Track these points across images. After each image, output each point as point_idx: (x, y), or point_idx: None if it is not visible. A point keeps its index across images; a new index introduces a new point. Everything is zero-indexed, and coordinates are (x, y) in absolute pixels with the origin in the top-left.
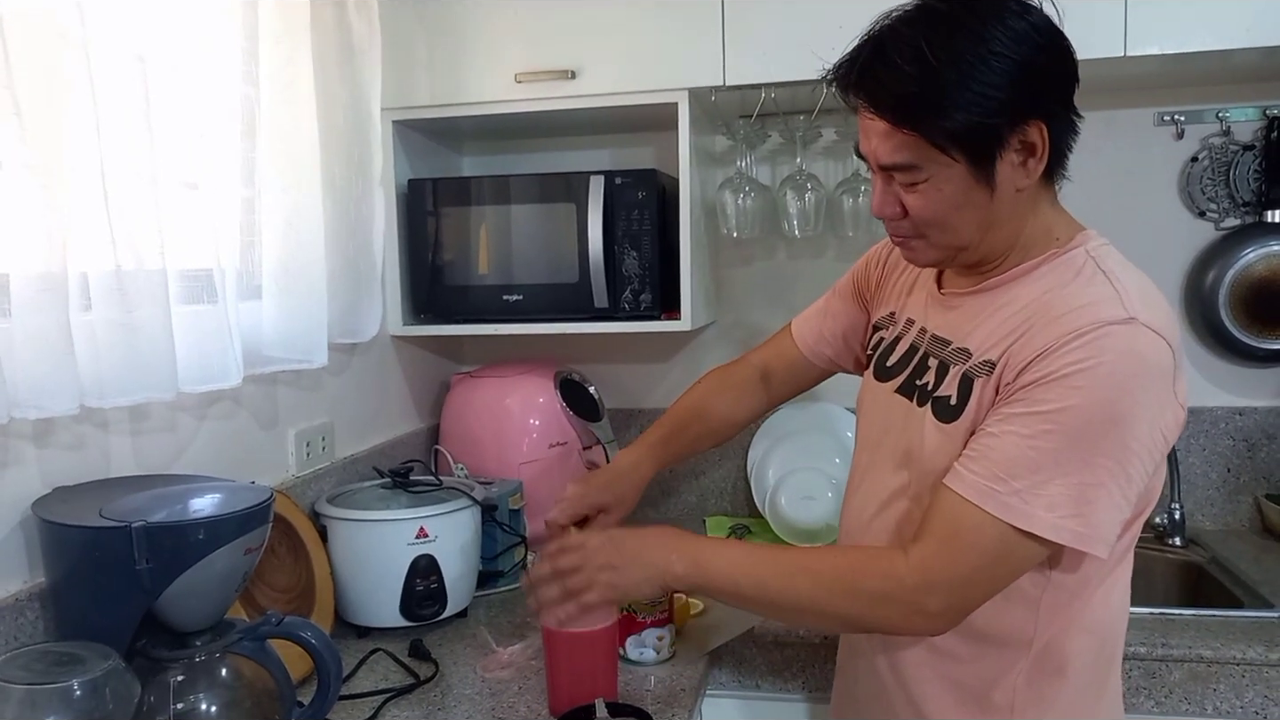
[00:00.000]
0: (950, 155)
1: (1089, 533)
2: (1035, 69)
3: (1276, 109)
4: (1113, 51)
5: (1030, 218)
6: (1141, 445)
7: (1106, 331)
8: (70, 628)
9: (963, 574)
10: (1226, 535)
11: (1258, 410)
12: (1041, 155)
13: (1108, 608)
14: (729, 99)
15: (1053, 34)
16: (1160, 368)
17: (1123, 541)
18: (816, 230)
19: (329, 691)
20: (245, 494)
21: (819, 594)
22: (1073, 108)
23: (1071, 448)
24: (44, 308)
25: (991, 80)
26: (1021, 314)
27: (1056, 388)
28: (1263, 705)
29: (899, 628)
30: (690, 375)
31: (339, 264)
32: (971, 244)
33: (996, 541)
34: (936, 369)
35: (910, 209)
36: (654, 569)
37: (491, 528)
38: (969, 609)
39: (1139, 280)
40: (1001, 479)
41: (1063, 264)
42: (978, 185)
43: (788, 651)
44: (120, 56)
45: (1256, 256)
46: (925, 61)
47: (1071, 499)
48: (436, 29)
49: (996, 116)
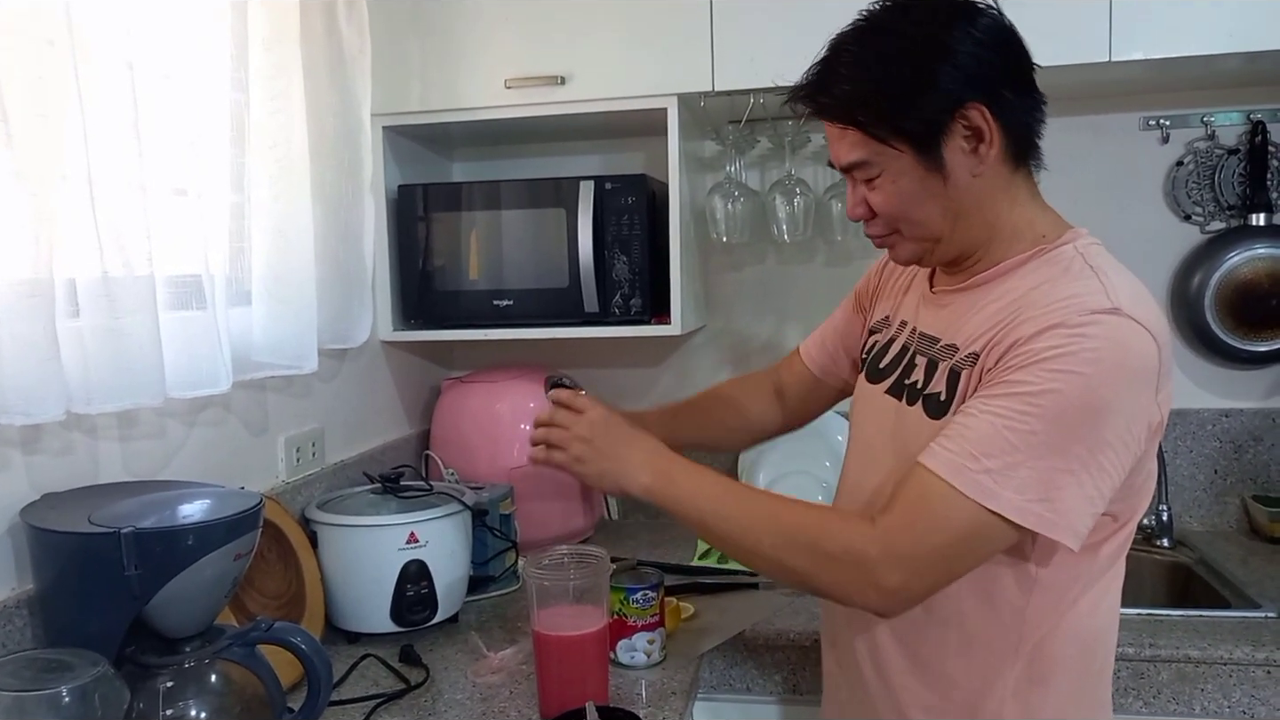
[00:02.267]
0: (894, 146)
1: (1056, 519)
2: (966, 54)
3: (1260, 113)
4: (1098, 57)
5: (1006, 208)
6: (1117, 438)
7: (1092, 319)
8: (59, 634)
9: (926, 549)
10: (1214, 536)
11: (1244, 412)
12: (990, 140)
13: (1096, 616)
14: (718, 104)
15: (988, 20)
16: (1144, 362)
17: (1110, 546)
18: (806, 235)
19: (319, 697)
20: (235, 499)
21: (779, 543)
22: (1026, 92)
23: (1047, 432)
24: (30, 314)
25: (921, 68)
26: (1009, 307)
27: (1037, 371)
28: (1249, 705)
29: (850, 595)
30: (681, 379)
31: (329, 269)
32: (944, 235)
33: (964, 519)
34: (925, 366)
35: (875, 206)
36: (622, 466)
37: (482, 533)
38: (924, 590)
39: (1129, 279)
40: (975, 457)
41: (1051, 259)
42: (930, 174)
43: (778, 654)
44: (109, 63)
45: (1242, 259)
46: (859, 63)
47: (1041, 483)
48: (427, 35)
49: (928, 102)
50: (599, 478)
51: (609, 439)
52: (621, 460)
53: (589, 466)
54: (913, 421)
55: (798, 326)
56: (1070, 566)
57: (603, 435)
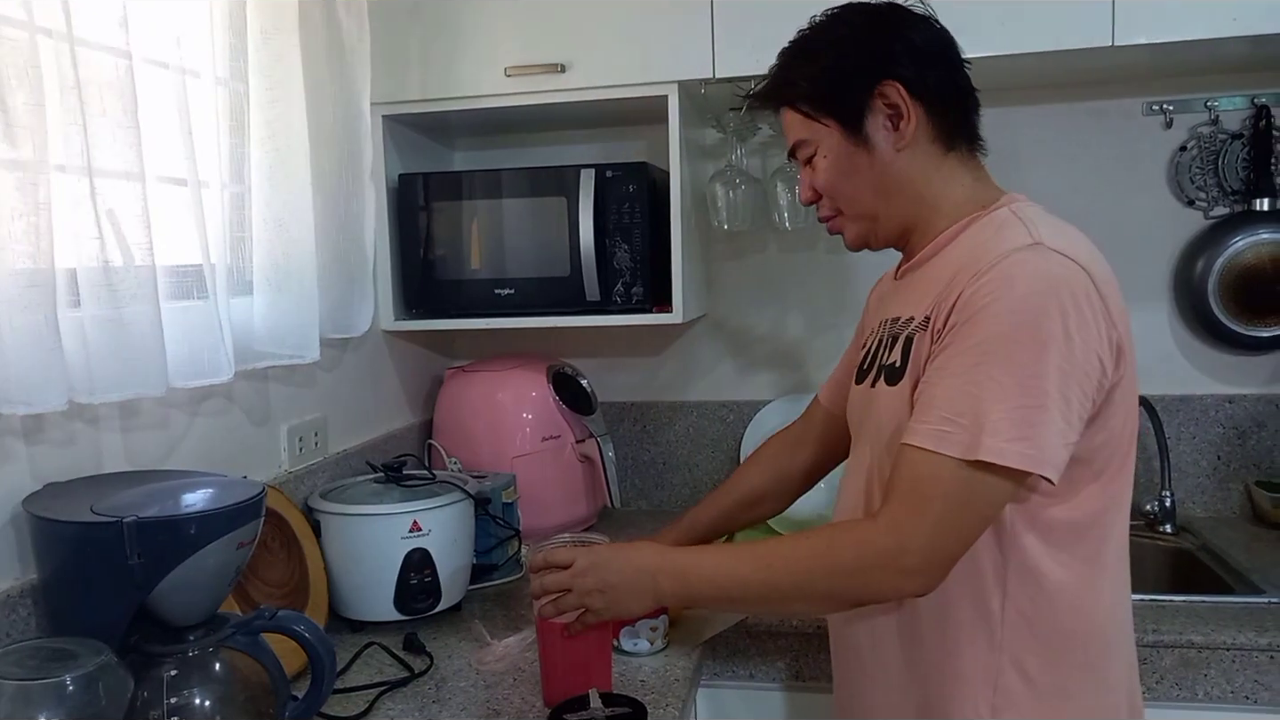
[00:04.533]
0: (821, 121)
1: (1037, 454)
2: (885, 39)
3: (1264, 98)
4: (1101, 41)
5: (940, 186)
6: (1075, 367)
7: (1012, 259)
8: (63, 623)
9: (931, 523)
10: (1217, 522)
11: (1247, 398)
12: (909, 116)
13: (1090, 604)
14: (719, 91)
15: (911, 16)
16: (1076, 286)
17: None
18: (807, 222)
19: (323, 685)
20: (237, 489)
21: (800, 579)
22: (949, 78)
23: (1004, 373)
24: (31, 304)
25: (840, 50)
26: (949, 270)
27: (977, 320)
28: (1253, 690)
29: (885, 593)
30: (682, 368)
31: (330, 259)
32: (879, 212)
33: (955, 482)
34: (888, 344)
35: (816, 185)
36: (645, 591)
37: (485, 521)
38: (948, 560)
39: (1058, 225)
40: (948, 419)
41: (986, 222)
42: (857, 149)
43: (781, 641)
44: (106, 53)
45: (1245, 245)
46: (792, 55)
47: (1014, 422)
48: (426, 23)
49: (844, 78)
50: (630, 611)
51: (615, 576)
52: (639, 589)
53: (617, 609)
54: (878, 397)
55: (799, 314)
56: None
57: (607, 576)
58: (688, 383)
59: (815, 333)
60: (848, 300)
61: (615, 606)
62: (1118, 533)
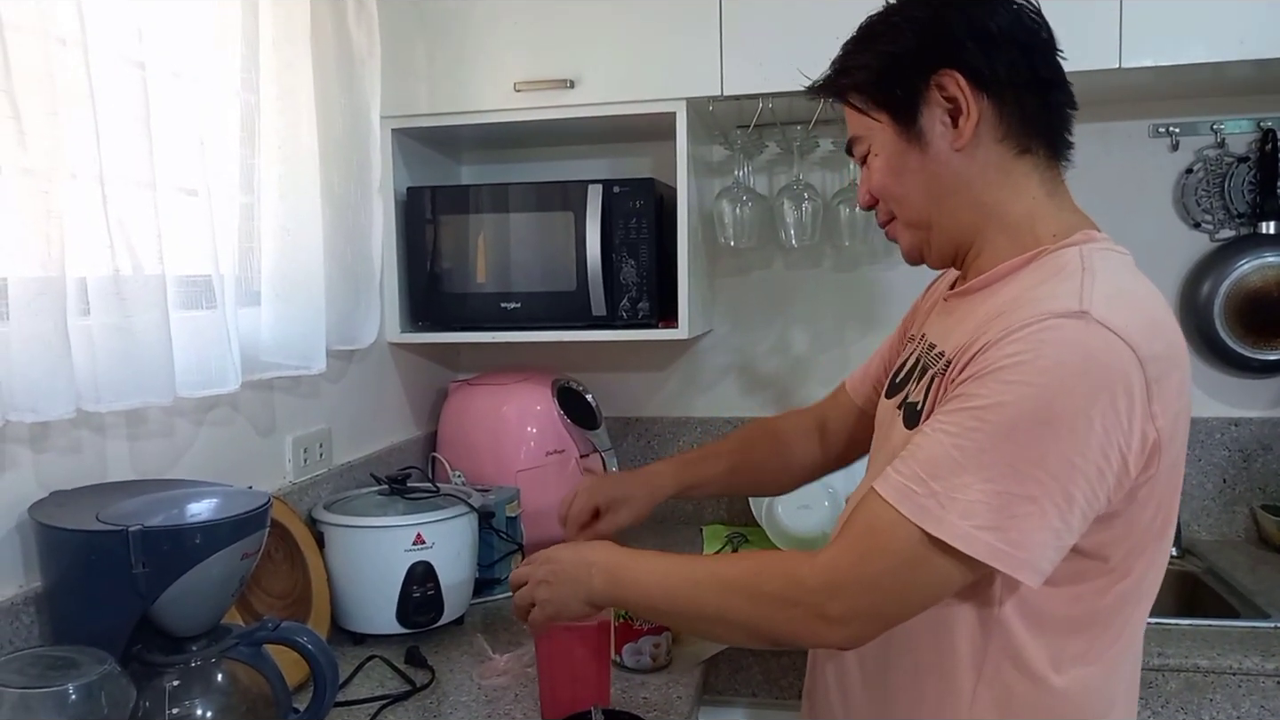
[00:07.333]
0: (873, 116)
1: (1011, 551)
2: (940, 22)
3: (1270, 121)
4: (1108, 63)
5: (1006, 196)
6: (1089, 463)
7: (1050, 324)
8: (66, 632)
9: (869, 576)
10: (1222, 546)
11: (1253, 421)
12: (969, 111)
13: (1085, 688)
14: (726, 109)
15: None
16: (1115, 372)
17: (1108, 599)
18: (813, 240)
19: (325, 697)
20: (242, 499)
21: (723, 599)
22: (1030, 71)
23: (997, 449)
24: (41, 311)
25: (895, 36)
26: (993, 312)
27: (989, 382)
28: (1259, 715)
29: (802, 635)
30: (688, 384)
31: (337, 271)
32: (933, 220)
33: (907, 546)
34: (919, 375)
35: (870, 187)
36: (579, 586)
37: (488, 535)
38: (878, 620)
39: (1121, 283)
40: (922, 479)
41: (1049, 262)
42: (909, 146)
43: (784, 659)
44: (120, 62)
45: (1251, 267)
46: (853, 44)
47: (992, 508)
48: (436, 38)
49: (899, 68)
50: (567, 608)
51: (558, 569)
52: (574, 582)
53: (555, 604)
54: (895, 430)
55: (804, 331)
56: (1051, 631)
57: (553, 570)
58: (692, 398)
59: (820, 350)
60: (853, 318)
61: (555, 599)
62: (1131, 630)
